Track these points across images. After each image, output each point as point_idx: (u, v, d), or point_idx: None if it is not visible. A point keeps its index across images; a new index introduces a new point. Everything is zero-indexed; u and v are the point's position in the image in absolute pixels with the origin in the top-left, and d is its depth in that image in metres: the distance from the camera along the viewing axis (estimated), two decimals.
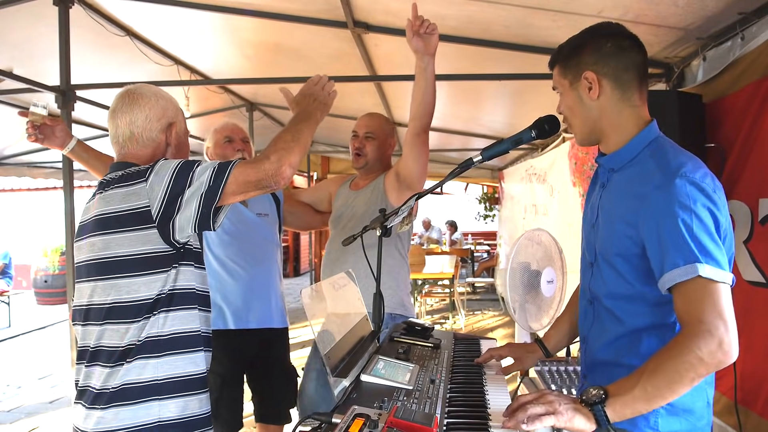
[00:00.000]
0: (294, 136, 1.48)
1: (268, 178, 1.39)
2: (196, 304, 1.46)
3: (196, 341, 1.44)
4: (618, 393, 1.09)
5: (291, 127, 1.53)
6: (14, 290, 8.51)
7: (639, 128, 1.28)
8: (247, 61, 4.41)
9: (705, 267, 1.09)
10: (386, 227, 1.66)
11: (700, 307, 1.09)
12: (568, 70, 1.31)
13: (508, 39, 2.98)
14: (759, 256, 2.03)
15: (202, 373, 1.45)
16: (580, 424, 1.07)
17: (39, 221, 11.20)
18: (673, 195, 1.13)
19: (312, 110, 1.60)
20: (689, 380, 1.07)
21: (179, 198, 1.36)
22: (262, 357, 2.34)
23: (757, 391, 2.00)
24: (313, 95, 1.64)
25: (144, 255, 1.37)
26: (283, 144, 1.45)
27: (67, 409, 4.34)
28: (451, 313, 7.46)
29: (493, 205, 11.00)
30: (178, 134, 1.57)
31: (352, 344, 1.47)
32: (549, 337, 1.61)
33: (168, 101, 1.56)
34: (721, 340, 1.06)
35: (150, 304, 1.37)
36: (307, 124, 1.55)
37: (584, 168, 4.07)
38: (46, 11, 3.00)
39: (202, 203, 1.36)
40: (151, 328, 1.37)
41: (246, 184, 1.39)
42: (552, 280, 2.74)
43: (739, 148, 2.16)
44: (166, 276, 1.39)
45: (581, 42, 1.31)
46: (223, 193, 1.38)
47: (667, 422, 1.19)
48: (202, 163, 1.41)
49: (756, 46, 2.04)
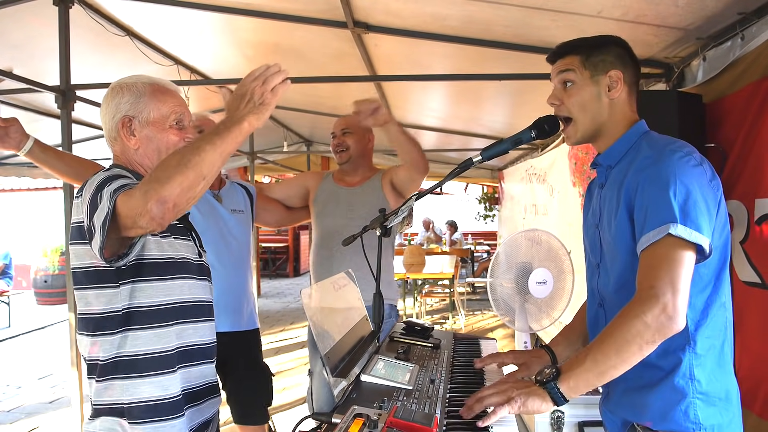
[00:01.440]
0: (182, 160, 1.13)
1: (135, 217, 1.12)
2: (171, 321, 1.36)
3: (167, 362, 1.34)
4: (570, 369, 1.11)
5: (189, 144, 1.20)
6: (14, 290, 8.49)
7: (629, 127, 1.34)
8: (247, 61, 4.41)
9: (678, 226, 1.10)
10: (386, 227, 1.66)
11: (654, 273, 1.11)
12: (590, 63, 1.32)
13: (508, 39, 2.98)
14: (754, 256, 2.03)
15: (173, 397, 1.34)
16: (534, 405, 1.10)
17: (39, 221, 11.19)
18: (660, 166, 1.18)
19: (239, 116, 1.19)
20: (638, 347, 1.08)
21: (91, 221, 1.20)
22: (235, 359, 2.30)
23: (755, 392, 2.00)
24: (245, 95, 1.20)
25: (90, 269, 1.31)
26: (161, 172, 1.13)
27: (67, 409, 4.33)
28: (451, 313, 7.46)
29: (493, 205, 10.99)
30: (140, 128, 1.37)
31: (352, 344, 1.47)
32: (557, 344, 1.56)
33: (125, 92, 1.38)
34: (665, 305, 1.07)
35: (102, 320, 1.30)
36: (219, 138, 1.16)
37: (584, 168, 4.07)
38: (46, 11, 3.00)
39: (100, 236, 1.16)
40: (113, 348, 1.30)
41: (126, 219, 1.15)
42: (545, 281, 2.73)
43: (739, 149, 2.16)
44: (114, 292, 1.29)
45: (602, 43, 1.33)
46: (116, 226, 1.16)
47: (707, 414, 1.18)
48: (112, 183, 1.21)
49: (756, 46, 2.04)
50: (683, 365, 1.19)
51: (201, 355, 1.44)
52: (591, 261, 1.42)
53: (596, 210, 1.39)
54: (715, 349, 1.22)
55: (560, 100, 1.35)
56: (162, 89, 1.41)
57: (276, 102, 1.23)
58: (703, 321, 1.20)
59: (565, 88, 1.34)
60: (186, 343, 1.40)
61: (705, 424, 1.18)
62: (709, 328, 1.21)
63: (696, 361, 1.20)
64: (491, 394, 1.14)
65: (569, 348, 1.55)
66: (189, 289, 1.41)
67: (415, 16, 2.94)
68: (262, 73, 1.22)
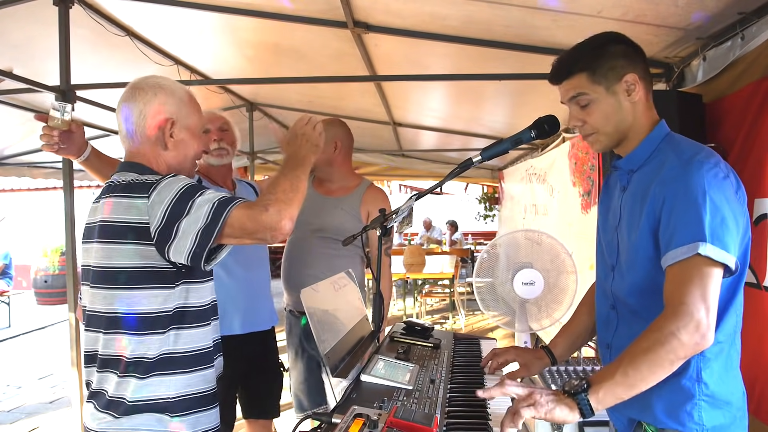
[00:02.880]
0: (293, 185, 1.37)
1: (265, 230, 1.28)
2: (210, 318, 1.45)
3: (208, 358, 1.43)
4: (600, 381, 1.10)
5: (288, 172, 1.41)
6: (14, 290, 8.50)
7: (651, 128, 1.30)
8: (246, 61, 4.41)
9: (707, 246, 1.10)
10: (386, 227, 1.66)
11: (685, 288, 1.10)
12: (600, 76, 1.26)
13: (508, 39, 2.98)
14: (752, 257, 2.03)
15: (213, 389, 1.44)
16: (562, 414, 1.07)
17: (39, 221, 11.19)
18: (688, 180, 1.15)
19: (305, 153, 1.49)
20: (669, 363, 1.08)
21: (176, 225, 1.28)
22: (253, 357, 2.33)
23: (750, 392, 1.99)
24: (305, 136, 1.53)
25: (143, 269, 1.32)
26: (283, 194, 1.33)
27: (67, 409, 4.33)
28: (451, 313, 7.46)
29: (493, 205, 10.99)
30: (178, 132, 1.45)
31: (352, 344, 1.47)
32: (556, 344, 1.57)
33: (168, 95, 1.44)
34: (699, 322, 1.07)
35: (153, 320, 1.33)
36: (303, 170, 1.44)
37: (584, 168, 4.07)
38: (46, 11, 3.00)
39: (197, 241, 1.27)
40: (163, 346, 1.34)
41: (242, 231, 1.29)
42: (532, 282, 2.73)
43: (739, 148, 2.16)
44: (169, 293, 1.35)
45: (603, 48, 1.27)
46: (220, 235, 1.28)
47: (711, 416, 1.19)
48: (204, 193, 1.31)
49: (756, 46, 2.04)
50: (691, 367, 1.19)
51: (219, 349, 1.53)
52: (606, 262, 1.40)
53: (616, 212, 1.36)
54: (723, 352, 1.22)
55: (582, 120, 1.31)
56: (194, 99, 1.52)
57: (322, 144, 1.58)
58: (716, 326, 1.19)
59: (582, 108, 1.29)
60: (216, 338, 1.50)
61: (708, 425, 1.19)
62: (721, 333, 1.20)
63: (704, 363, 1.20)
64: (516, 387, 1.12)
65: (568, 349, 1.56)
66: (214, 289, 1.51)
67: (415, 16, 2.94)
68: (310, 119, 1.57)
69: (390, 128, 6.08)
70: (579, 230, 4.15)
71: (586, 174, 4.03)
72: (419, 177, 9.71)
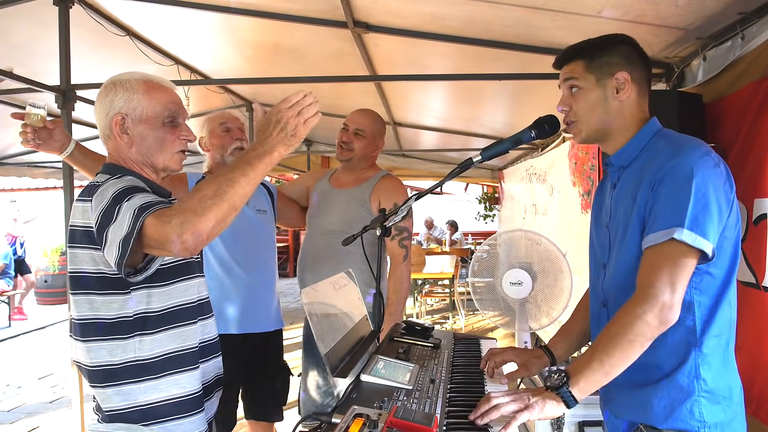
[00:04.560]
0: (218, 191, 1.12)
1: (166, 243, 1.10)
2: (196, 318, 1.38)
3: (190, 360, 1.35)
4: (578, 372, 1.15)
5: (223, 173, 1.16)
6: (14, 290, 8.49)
7: (640, 127, 1.33)
8: (246, 61, 4.41)
9: (684, 231, 1.13)
10: (386, 227, 1.66)
11: (656, 272, 1.14)
12: (594, 67, 1.31)
13: (508, 39, 2.98)
14: (751, 256, 2.04)
15: (197, 393, 1.36)
16: (551, 410, 1.14)
17: (39, 221, 11.18)
18: (679, 164, 1.18)
19: (270, 145, 1.18)
20: (639, 345, 1.14)
21: (105, 231, 1.17)
22: (258, 358, 2.32)
23: (748, 392, 1.99)
24: (279, 123, 1.19)
25: (95, 274, 1.26)
26: (197, 203, 1.11)
27: (67, 409, 4.33)
28: (451, 313, 7.46)
29: (493, 205, 10.99)
30: (133, 126, 1.34)
31: (352, 344, 1.47)
32: (555, 344, 1.57)
33: (121, 90, 1.33)
34: (663, 303, 1.12)
35: (112, 326, 1.27)
36: (251, 168, 1.16)
37: (584, 168, 4.07)
38: (46, 11, 3.00)
39: (119, 251, 1.14)
40: (128, 352, 1.28)
41: (153, 241, 1.12)
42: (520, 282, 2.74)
43: (739, 148, 2.16)
44: (125, 298, 1.27)
45: (607, 44, 1.32)
46: (138, 245, 1.13)
47: (711, 412, 1.20)
48: (133, 197, 1.18)
49: (756, 46, 2.04)
50: (688, 364, 1.21)
51: (214, 348, 1.47)
52: (598, 261, 1.41)
53: (607, 208, 1.38)
54: (720, 347, 1.23)
55: (568, 105, 1.35)
56: (155, 86, 1.37)
57: (306, 134, 1.22)
58: (711, 320, 1.21)
59: (572, 93, 1.34)
60: (204, 339, 1.42)
61: (709, 422, 1.19)
62: (716, 326, 1.22)
63: (702, 359, 1.21)
64: (508, 402, 1.14)
65: (568, 349, 1.57)
66: (201, 287, 1.44)
67: (415, 16, 2.94)
68: (299, 101, 1.21)
69: (390, 128, 6.08)
70: (579, 230, 4.15)
71: (586, 174, 4.03)
72: (419, 177, 9.72)
